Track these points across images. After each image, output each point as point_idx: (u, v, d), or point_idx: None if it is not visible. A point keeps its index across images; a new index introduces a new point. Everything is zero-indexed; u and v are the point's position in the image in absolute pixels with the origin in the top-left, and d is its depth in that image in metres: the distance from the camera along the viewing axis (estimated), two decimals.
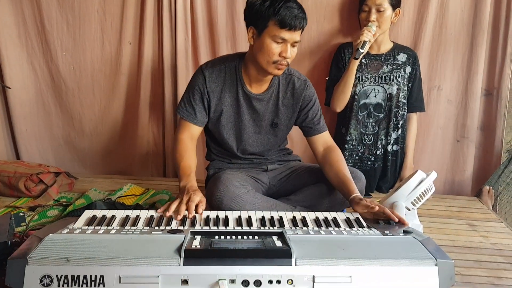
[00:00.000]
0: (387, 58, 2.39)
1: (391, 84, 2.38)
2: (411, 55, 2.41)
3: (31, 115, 2.67)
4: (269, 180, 2.05)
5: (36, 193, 2.13)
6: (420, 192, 1.71)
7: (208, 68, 1.86)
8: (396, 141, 2.48)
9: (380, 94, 2.40)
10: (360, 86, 2.39)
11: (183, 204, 1.53)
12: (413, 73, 2.41)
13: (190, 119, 1.87)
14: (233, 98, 1.88)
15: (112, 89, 2.65)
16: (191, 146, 1.86)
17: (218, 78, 1.85)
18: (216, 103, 1.87)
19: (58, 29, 2.55)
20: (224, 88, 1.86)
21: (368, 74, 2.38)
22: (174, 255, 1.13)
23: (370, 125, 2.44)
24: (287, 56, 1.70)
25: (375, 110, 2.42)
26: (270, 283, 1.12)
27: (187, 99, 1.87)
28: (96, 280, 1.09)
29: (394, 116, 2.42)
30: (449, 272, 1.17)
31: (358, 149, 2.48)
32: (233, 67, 1.86)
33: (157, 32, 2.55)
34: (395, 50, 2.40)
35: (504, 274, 1.59)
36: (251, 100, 1.88)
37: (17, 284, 1.08)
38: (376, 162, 2.49)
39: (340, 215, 1.57)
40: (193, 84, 1.87)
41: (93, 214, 1.47)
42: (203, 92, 1.85)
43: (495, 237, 1.95)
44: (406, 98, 2.43)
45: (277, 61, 1.71)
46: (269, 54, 1.70)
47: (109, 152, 2.78)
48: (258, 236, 1.28)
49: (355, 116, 2.43)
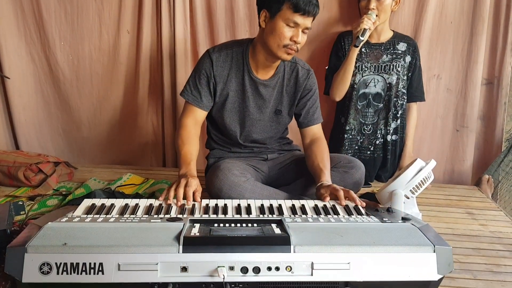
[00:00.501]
0: (387, 48, 2.38)
1: (390, 74, 2.37)
2: (411, 44, 2.39)
3: (30, 105, 2.66)
4: (269, 169, 2.05)
5: (35, 183, 2.13)
6: (419, 181, 1.71)
7: (216, 52, 1.85)
8: (395, 131, 2.47)
9: (379, 84, 2.39)
10: (359, 76, 2.38)
11: (181, 188, 1.53)
12: (413, 62, 2.40)
13: (196, 103, 1.86)
14: (239, 83, 1.88)
15: (111, 78, 2.64)
16: (195, 131, 1.86)
17: (225, 62, 1.85)
18: (222, 88, 1.87)
19: (56, 19, 2.53)
20: (230, 72, 1.86)
21: (368, 63, 2.37)
22: (173, 242, 1.13)
23: (370, 115, 2.44)
24: (298, 41, 1.71)
25: (374, 100, 2.41)
26: (269, 270, 1.12)
27: (193, 83, 1.87)
28: (95, 267, 1.09)
29: (393, 106, 2.41)
30: (447, 259, 1.17)
31: (358, 139, 2.47)
32: (240, 52, 1.86)
33: (155, 21, 2.53)
34: (395, 39, 2.39)
35: (502, 261, 1.60)
36: (257, 86, 1.88)
37: (16, 271, 1.08)
38: (376, 152, 2.49)
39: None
40: (200, 68, 1.86)
41: (92, 203, 1.47)
42: (209, 76, 1.84)
43: (494, 225, 1.96)
44: (405, 87, 2.42)
45: (287, 45, 1.71)
46: (281, 38, 1.70)
47: (108, 142, 2.78)
48: (257, 223, 1.28)
49: (354, 106, 2.42)
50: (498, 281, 1.44)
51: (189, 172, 1.68)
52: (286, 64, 1.92)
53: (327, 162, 1.86)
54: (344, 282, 1.15)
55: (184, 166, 1.72)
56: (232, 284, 1.12)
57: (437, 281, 1.17)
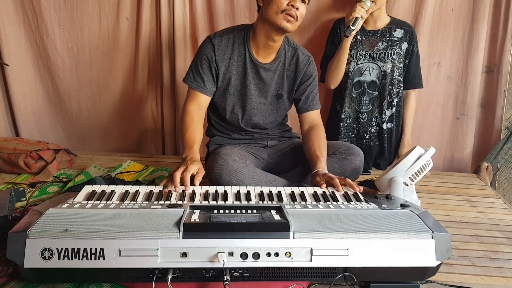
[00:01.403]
0: (383, 34, 2.35)
1: (385, 62, 2.35)
2: (408, 30, 2.37)
3: (29, 93, 2.66)
4: (269, 156, 2.06)
5: (36, 170, 2.14)
6: (418, 168, 1.71)
7: (217, 37, 1.86)
8: (390, 119, 2.46)
9: (374, 72, 2.38)
10: (354, 64, 2.36)
11: (178, 173, 1.53)
12: (410, 49, 2.38)
13: (199, 88, 1.87)
14: (240, 67, 1.88)
15: (110, 66, 2.63)
16: (198, 117, 1.86)
17: (227, 46, 1.86)
18: (224, 72, 1.87)
19: (55, 6, 2.52)
20: (232, 56, 1.86)
21: (363, 51, 2.35)
22: (173, 228, 1.14)
23: (365, 103, 2.43)
24: (296, 5, 1.71)
25: (369, 88, 2.40)
26: (269, 256, 1.13)
27: (195, 68, 1.87)
28: (96, 253, 1.10)
29: (388, 94, 2.40)
30: (445, 245, 1.18)
31: (354, 126, 2.47)
32: (241, 36, 1.87)
33: (154, 8, 2.52)
34: (392, 26, 2.36)
35: (500, 248, 1.61)
36: (258, 69, 1.89)
37: (18, 257, 1.09)
38: (371, 140, 2.48)
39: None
40: (201, 53, 1.86)
41: (92, 189, 1.47)
42: (211, 61, 1.85)
43: (492, 212, 1.97)
44: (401, 75, 2.41)
45: (285, 9, 1.71)
46: (278, 3, 1.70)
47: (107, 129, 2.78)
48: (257, 210, 1.28)
49: (349, 94, 2.41)
50: (496, 267, 1.45)
51: (191, 155, 1.68)
52: (287, 49, 1.93)
53: (324, 149, 1.86)
54: (343, 268, 1.16)
55: (187, 150, 1.72)
56: (232, 270, 1.13)
57: (435, 267, 1.18)
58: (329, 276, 1.17)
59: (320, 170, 1.72)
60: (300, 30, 2.52)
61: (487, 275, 1.40)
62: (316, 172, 1.72)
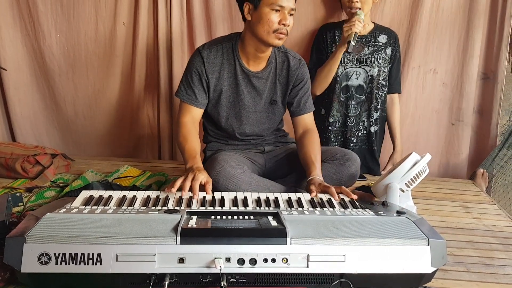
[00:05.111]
0: (368, 40, 2.37)
1: (372, 66, 2.37)
2: (392, 36, 2.39)
3: (25, 98, 2.65)
4: (265, 162, 2.07)
5: (33, 175, 2.13)
6: (414, 174, 1.72)
7: (206, 49, 1.87)
8: (376, 122, 2.48)
9: (361, 76, 2.39)
10: (342, 68, 2.36)
11: (188, 180, 1.55)
12: (394, 54, 2.40)
13: (191, 101, 1.88)
14: (232, 77, 1.89)
15: (106, 71, 2.63)
16: (194, 129, 1.88)
17: (216, 58, 1.86)
18: (215, 84, 1.88)
19: (52, 11, 2.52)
20: (222, 67, 1.87)
21: (350, 56, 2.35)
22: (170, 234, 1.14)
23: (352, 107, 2.44)
24: (287, 23, 1.73)
25: (356, 92, 2.41)
26: (265, 262, 1.14)
27: (186, 82, 1.88)
28: (93, 258, 1.10)
29: (375, 98, 2.42)
30: (441, 252, 1.19)
31: (342, 130, 2.48)
32: (230, 46, 1.88)
33: (152, 13, 2.52)
34: (376, 31, 2.38)
35: (495, 254, 1.61)
36: (250, 78, 1.89)
37: (15, 262, 1.10)
38: (358, 143, 2.49)
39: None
40: (191, 67, 1.88)
41: (90, 194, 1.48)
42: (201, 74, 1.86)
43: (487, 218, 1.98)
44: (385, 79, 2.43)
45: (277, 29, 1.73)
46: (269, 24, 1.72)
47: (104, 135, 2.77)
48: (254, 216, 1.29)
49: (337, 98, 2.42)
50: (491, 273, 1.46)
51: (196, 164, 1.69)
52: (277, 55, 1.94)
53: (318, 155, 1.87)
54: (339, 274, 1.17)
55: (190, 160, 1.74)
56: (228, 276, 1.14)
57: (431, 273, 1.19)
58: (325, 282, 1.18)
59: (315, 178, 1.73)
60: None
61: (482, 281, 1.40)
62: (311, 180, 1.73)
